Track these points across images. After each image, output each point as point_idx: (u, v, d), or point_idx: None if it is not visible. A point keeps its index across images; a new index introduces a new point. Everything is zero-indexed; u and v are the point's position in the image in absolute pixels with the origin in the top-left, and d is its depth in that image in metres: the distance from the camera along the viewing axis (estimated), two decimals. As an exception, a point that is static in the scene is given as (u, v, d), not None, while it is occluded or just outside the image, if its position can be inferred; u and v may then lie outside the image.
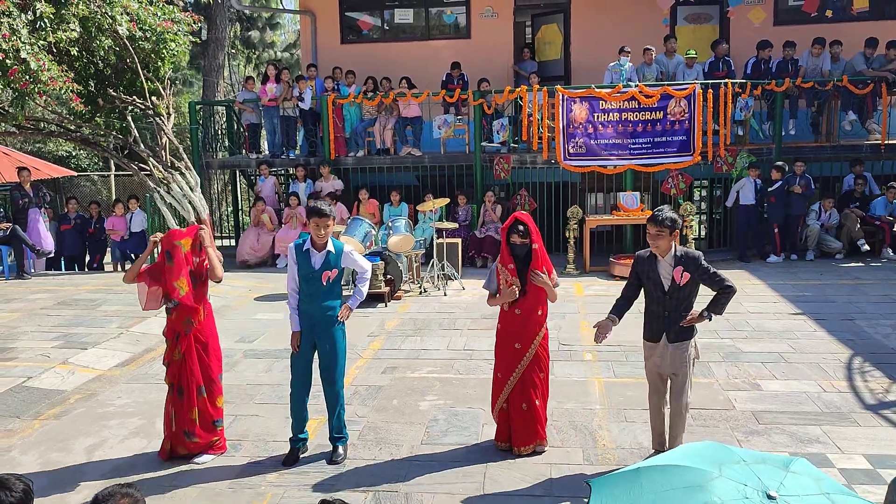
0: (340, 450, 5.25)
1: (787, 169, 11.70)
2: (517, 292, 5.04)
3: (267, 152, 14.59)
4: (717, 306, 4.72)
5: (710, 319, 4.76)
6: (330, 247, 5.14)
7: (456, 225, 11.27)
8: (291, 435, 5.30)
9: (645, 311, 4.92)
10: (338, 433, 5.28)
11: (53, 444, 5.56)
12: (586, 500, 2.40)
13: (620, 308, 5.01)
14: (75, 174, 20.27)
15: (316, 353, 5.23)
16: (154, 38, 11.48)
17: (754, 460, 2.31)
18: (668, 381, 4.95)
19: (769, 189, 11.68)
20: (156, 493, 4.76)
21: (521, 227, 5.02)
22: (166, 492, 4.80)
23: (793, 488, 2.18)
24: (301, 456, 5.28)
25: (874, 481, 4.66)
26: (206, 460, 5.25)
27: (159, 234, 5.30)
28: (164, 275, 5.18)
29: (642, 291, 4.95)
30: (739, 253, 12.05)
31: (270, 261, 12.65)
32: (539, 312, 5.10)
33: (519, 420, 5.14)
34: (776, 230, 11.79)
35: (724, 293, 4.70)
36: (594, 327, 4.96)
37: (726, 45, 12.98)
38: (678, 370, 4.80)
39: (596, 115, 11.99)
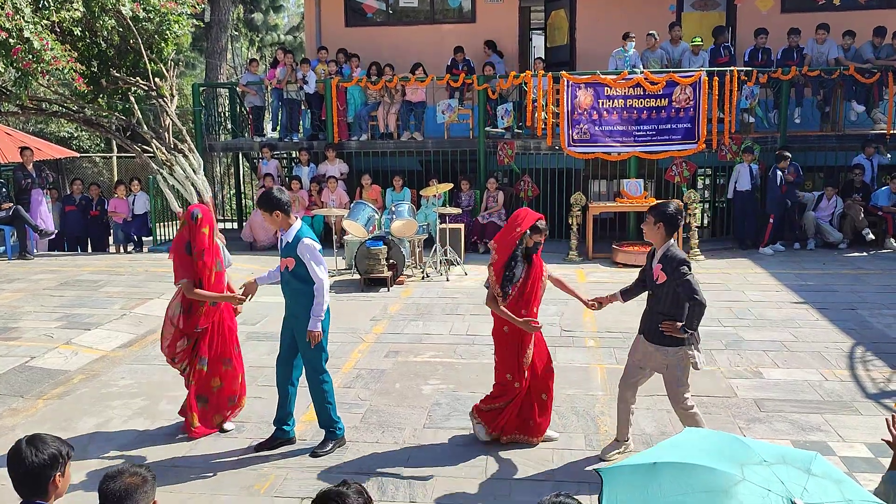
0: (328, 444, 5.05)
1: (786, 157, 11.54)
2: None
3: (271, 135, 14.54)
4: (688, 319, 4.47)
5: (687, 334, 4.47)
6: (289, 236, 4.93)
7: (459, 210, 11.25)
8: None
9: None
10: (323, 425, 5.12)
11: (57, 424, 5.58)
12: (596, 492, 2.34)
13: (627, 290, 4.99)
14: (77, 155, 20.24)
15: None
16: (157, 20, 11.43)
17: (775, 459, 2.25)
18: (640, 375, 4.85)
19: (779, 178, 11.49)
20: (158, 473, 4.75)
21: (541, 225, 4.88)
22: (168, 472, 4.80)
23: (816, 494, 2.14)
24: (284, 445, 5.13)
25: (875, 470, 4.67)
26: (230, 427, 5.45)
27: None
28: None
29: None
30: (739, 240, 12.05)
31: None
32: (505, 329, 4.96)
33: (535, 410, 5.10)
34: (771, 220, 11.58)
35: (691, 306, 4.45)
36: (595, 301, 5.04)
37: (727, 34, 12.83)
38: (661, 371, 4.66)
39: (601, 101, 11.95)
